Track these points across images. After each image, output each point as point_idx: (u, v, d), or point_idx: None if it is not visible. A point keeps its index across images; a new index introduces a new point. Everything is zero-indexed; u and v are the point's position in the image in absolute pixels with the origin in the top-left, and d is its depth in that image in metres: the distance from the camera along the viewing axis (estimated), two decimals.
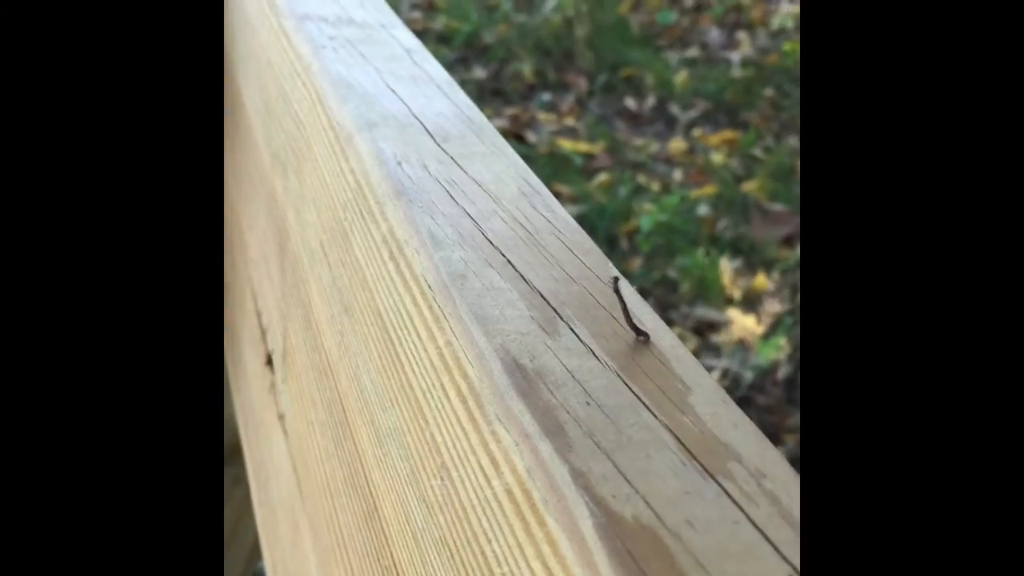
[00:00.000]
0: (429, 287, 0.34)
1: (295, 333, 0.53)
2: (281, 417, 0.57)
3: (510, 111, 2.96)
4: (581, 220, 2.48)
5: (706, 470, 0.27)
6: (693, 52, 3.27)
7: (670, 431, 0.28)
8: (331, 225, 0.45)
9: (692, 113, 2.95)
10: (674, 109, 2.97)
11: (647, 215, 2.43)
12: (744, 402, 2.00)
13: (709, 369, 2.06)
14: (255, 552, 1.07)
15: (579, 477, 0.26)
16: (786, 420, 1.95)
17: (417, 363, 0.34)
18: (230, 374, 0.76)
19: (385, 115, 0.44)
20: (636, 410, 0.29)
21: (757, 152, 2.74)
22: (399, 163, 0.40)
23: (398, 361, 0.36)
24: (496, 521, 0.28)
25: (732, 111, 2.95)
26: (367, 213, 0.40)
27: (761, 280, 2.34)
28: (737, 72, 3.13)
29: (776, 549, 0.24)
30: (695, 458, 0.27)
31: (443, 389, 0.32)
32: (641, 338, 0.32)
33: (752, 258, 2.38)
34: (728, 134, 2.83)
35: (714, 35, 3.34)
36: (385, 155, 0.41)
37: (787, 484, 0.26)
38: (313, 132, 0.48)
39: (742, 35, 3.34)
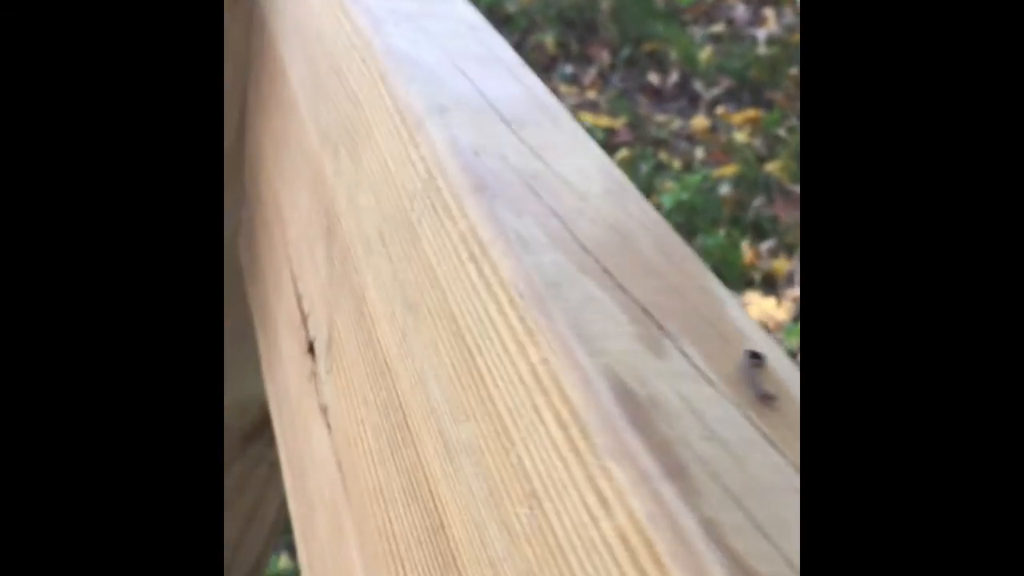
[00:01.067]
0: (520, 296, 0.31)
1: (343, 324, 0.50)
2: (324, 409, 0.54)
3: None
4: None
5: None
6: (718, 28, 3.21)
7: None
8: (394, 215, 0.42)
9: (716, 90, 2.90)
10: (697, 86, 2.93)
11: (669, 193, 2.40)
12: None
13: None
14: (275, 530, 1.05)
15: (711, 528, 0.23)
16: None
17: (502, 379, 0.31)
18: (262, 355, 0.73)
19: (456, 99, 0.41)
20: (761, 448, 0.26)
21: (781, 132, 2.70)
22: (476, 153, 0.37)
23: (477, 372, 0.33)
24: (605, 567, 0.25)
25: (756, 89, 2.90)
26: (441, 207, 0.37)
27: (782, 262, 2.30)
28: (762, 49, 3.08)
29: None
30: None
31: (536, 411, 0.29)
32: (755, 360, 0.29)
33: (774, 240, 2.34)
34: (752, 113, 2.79)
35: (740, 11, 3.28)
36: (461, 144, 0.37)
37: None
38: (373, 114, 0.45)
39: (768, 12, 3.28)
